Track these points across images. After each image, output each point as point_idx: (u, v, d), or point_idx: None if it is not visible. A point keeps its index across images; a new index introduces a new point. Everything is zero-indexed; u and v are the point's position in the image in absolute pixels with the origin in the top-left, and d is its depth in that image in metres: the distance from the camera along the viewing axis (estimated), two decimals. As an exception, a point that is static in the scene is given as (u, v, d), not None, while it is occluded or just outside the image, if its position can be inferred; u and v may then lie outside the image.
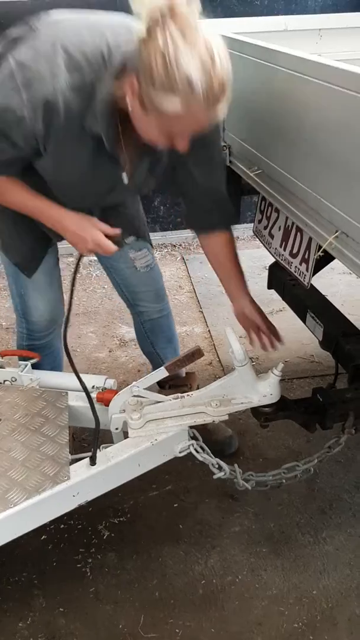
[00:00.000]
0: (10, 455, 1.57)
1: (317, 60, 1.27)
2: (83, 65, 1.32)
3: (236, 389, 1.62)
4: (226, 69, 1.23)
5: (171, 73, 1.18)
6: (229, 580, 1.77)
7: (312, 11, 3.62)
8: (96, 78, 1.33)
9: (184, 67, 1.18)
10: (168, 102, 1.22)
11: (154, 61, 1.19)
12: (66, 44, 1.32)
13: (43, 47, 1.33)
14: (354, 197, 1.18)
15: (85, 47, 1.33)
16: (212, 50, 1.20)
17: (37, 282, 1.86)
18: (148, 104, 1.25)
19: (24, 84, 1.31)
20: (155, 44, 1.19)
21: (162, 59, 1.18)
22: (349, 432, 1.71)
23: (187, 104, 1.21)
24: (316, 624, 1.64)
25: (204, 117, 1.27)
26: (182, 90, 1.20)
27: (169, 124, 1.29)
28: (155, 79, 1.20)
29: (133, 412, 1.60)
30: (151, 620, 1.66)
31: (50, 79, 1.31)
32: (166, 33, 1.18)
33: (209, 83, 1.20)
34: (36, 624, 1.66)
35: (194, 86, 1.19)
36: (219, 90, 1.23)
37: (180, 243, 4.02)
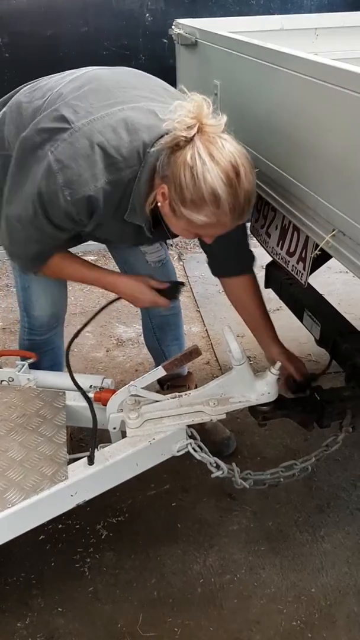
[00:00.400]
0: (8, 455, 1.57)
1: (314, 59, 1.27)
2: (121, 165, 1.38)
3: (234, 388, 1.62)
4: (251, 182, 1.31)
5: (199, 189, 1.26)
6: (228, 578, 1.77)
7: (308, 10, 3.62)
8: (132, 176, 1.40)
9: (210, 184, 1.25)
10: (197, 216, 1.31)
11: (183, 175, 1.27)
12: (104, 143, 1.36)
13: (82, 146, 1.36)
14: (351, 195, 1.18)
15: (122, 147, 1.37)
16: (237, 164, 1.28)
17: (42, 277, 1.86)
18: (178, 212, 1.33)
19: (65, 184, 1.38)
20: (184, 158, 1.27)
21: (190, 174, 1.26)
22: (346, 431, 1.72)
23: (215, 217, 1.30)
24: (314, 622, 1.65)
25: (231, 224, 1.36)
26: (209, 206, 1.28)
27: (197, 229, 1.38)
28: (184, 194, 1.28)
29: (131, 411, 1.60)
30: (150, 619, 1.67)
31: (90, 179, 1.37)
32: (194, 149, 1.26)
33: (235, 197, 1.28)
34: (35, 623, 1.66)
35: (220, 202, 1.27)
36: (245, 202, 1.31)
37: (177, 242, 4.02)
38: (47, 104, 1.49)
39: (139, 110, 1.40)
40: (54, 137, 1.39)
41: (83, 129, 1.37)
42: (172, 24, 2.26)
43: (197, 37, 2.03)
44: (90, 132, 1.37)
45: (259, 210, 1.89)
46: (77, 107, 1.40)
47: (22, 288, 1.91)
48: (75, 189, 1.38)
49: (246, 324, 1.84)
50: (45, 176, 1.39)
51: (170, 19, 2.36)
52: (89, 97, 1.42)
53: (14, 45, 3.40)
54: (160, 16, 3.48)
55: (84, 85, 1.47)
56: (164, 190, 1.34)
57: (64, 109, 1.41)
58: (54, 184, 1.38)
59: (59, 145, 1.38)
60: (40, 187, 1.41)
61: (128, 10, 3.45)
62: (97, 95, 1.43)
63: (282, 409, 1.70)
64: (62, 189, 1.38)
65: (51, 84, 1.58)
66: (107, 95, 1.42)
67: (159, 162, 1.35)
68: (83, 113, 1.39)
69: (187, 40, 2.09)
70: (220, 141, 1.28)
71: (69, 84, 1.51)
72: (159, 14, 3.48)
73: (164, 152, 1.33)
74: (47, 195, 1.41)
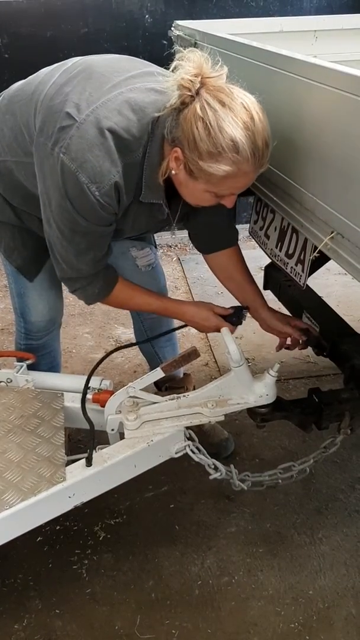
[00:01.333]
0: (6, 457, 1.57)
1: (313, 61, 1.27)
2: (133, 146, 1.36)
3: (232, 390, 1.62)
4: (266, 124, 1.28)
5: (215, 138, 1.24)
6: (225, 580, 1.77)
7: (308, 12, 3.62)
8: (145, 153, 1.37)
9: (227, 131, 1.23)
10: (217, 167, 1.27)
11: (196, 130, 1.24)
12: (113, 126, 1.34)
13: (92, 135, 1.33)
14: (350, 198, 1.18)
15: (131, 127, 1.35)
16: (250, 108, 1.26)
17: (38, 282, 1.86)
18: (196, 171, 1.30)
19: (89, 180, 1.34)
20: (193, 111, 1.24)
21: (204, 126, 1.23)
22: (344, 433, 1.71)
23: (236, 165, 1.27)
24: (312, 624, 1.65)
25: (253, 173, 1.33)
26: (228, 153, 1.25)
27: (219, 186, 1.34)
28: (200, 147, 1.25)
29: (129, 413, 1.60)
30: (147, 621, 1.66)
31: (111, 165, 1.35)
32: (202, 101, 1.24)
33: (253, 141, 1.25)
34: (32, 625, 1.66)
35: (239, 147, 1.24)
36: (264, 146, 1.28)
37: (176, 244, 4.02)
38: (44, 99, 1.45)
39: (138, 90, 1.38)
40: (62, 137, 1.35)
41: (88, 119, 1.33)
42: (171, 25, 2.26)
43: (196, 39, 2.03)
44: (96, 120, 1.33)
45: (257, 212, 1.89)
46: (78, 99, 1.36)
47: (18, 294, 1.90)
48: (100, 181, 1.34)
49: (234, 295, 1.85)
50: (66, 180, 1.35)
51: (169, 20, 2.36)
52: (86, 87, 1.39)
53: (13, 46, 3.40)
54: (159, 18, 3.49)
55: (78, 75, 1.43)
56: (177, 153, 1.31)
57: (65, 105, 1.37)
58: (78, 185, 1.34)
59: (69, 143, 1.33)
60: (67, 193, 1.36)
61: (128, 11, 3.45)
62: (94, 83, 1.39)
63: (280, 411, 1.70)
64: (87, 187, 1.34)
65: (41, 77, 1.54)
66: (103, 81, 1.39)
67: (166, 128, 1.33)
68: (84, 104, 1.35)
69: (187, 42, 2.09)
70: (228, 88, 1.26)
71: (62, 75, 1.46)
72: (158, 15, 3.49)
73: (170, 116, 1.31)
74: (76, 199, 1.36)
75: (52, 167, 1.37)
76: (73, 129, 1.34)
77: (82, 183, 1.34)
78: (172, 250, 3.98)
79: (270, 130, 1.30)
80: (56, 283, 1.93)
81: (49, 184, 1.41)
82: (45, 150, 1.39)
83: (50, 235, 1.50)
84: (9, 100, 1.59)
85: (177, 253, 3.95)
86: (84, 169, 1.33)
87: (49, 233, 1.50)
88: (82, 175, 1.33)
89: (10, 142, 1.55)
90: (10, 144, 1.56)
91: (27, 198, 1.61)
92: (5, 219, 1.73)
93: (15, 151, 1.55)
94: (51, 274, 1.88)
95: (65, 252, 1.50)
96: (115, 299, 1.65)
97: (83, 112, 1.34)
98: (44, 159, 1.40)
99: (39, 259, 1.83)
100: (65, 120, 1.35)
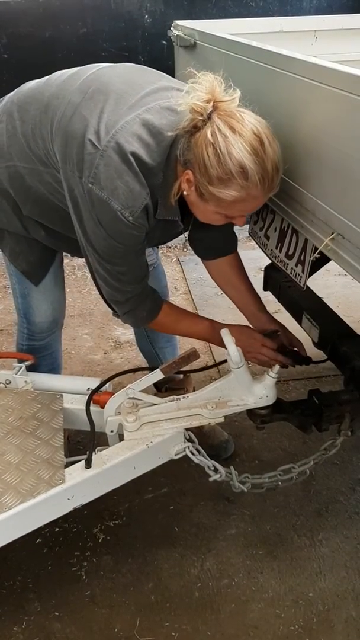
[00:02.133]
0: (5, 459, 1.56)
1: (313, 61, 1.26)
2: (155, 170, 1.36)
3: (232, 391, 1.61)
4: (276, 149, 1.29)
5: (225, 164, 1.25)
6: (225, 583, 1.76)
7: (307, 12, 3.62)
8: (163, 176, 1.38)
9: (236, 157, 1.24)
10: (226, 192, 1.28)
11: (206, 155, 1.25)
12: (136, 151, 1.34)
13: (118, 162, 1.33)
14: (350, 198, 1.17)
15: (153, 152, 1.35)
16: (260, 133, 1.26)
17: (43, 283, 1.85)
18: (207, 194, 1.31)
19: (123, 206, 1.35)
20: (204, 136, 1.25)
21: (214, 152, 1.25)
22: (344, 434, 1.71)
23: (245, 190, 1.28)
24: (312, 627, 1.64)
25: (263, 197, 1.33)
26: (238, 179, 1.26)
27: (229, 209, 1.35)
28: (210, 173, 1.27)
29: (128, 414, 1.59)
30: (147, 623, 1.66)
31: (141, 188, 1.35)
32: (213, 126, 1.25)
33: (262, 167, 1.26)
34: (31, 628, 1.65)
35: (248, 174, 1.25)
36: (273, 172, 1.29)
37: (176, 245, 4.01)
38: (61, 119, 1.43)
39: (154, 111, 1.38)
40: (87, 166, 1.35)
41: (110, 145, 1.33)
42: (171, 25, 2.26)
43: (196, 39, 2.02)
44: (117, 145, 1.33)
45: (257, 213, 1.89)
46: (97, 125, 1.36)
47: (22, 295, 1.89)
48: (132, 205, 1.35)
49: (234, 302, 1.86)
50: (97, 208, 1.36)
51: (169, 20, 2.35)
52: (104, 109, 1.37)
53: (12, 47, 3.39)
54: (159, 18, 3.48)
55: (94, 96, 1.41)
56: (189, 175, 1.32)
57: (85, 131, 1.36)
58: (111, 212, 1.35)
59: (96, 173, 1.33)
60: (100, 221, 1.38)
61: (127, 11, 3.45)
62: (110, 105, 1.38)
63: (280, 413, 1.69)
64: (121, 213, 1.34)
65: (54, 88, 1.51)
66: (120, 102, 1.38)
67: (179, 149, 1.33)
68: (103, 130, 1.35)
69: (186, 42, 2.09)
70: (239, 114, 1.27)
71: (77, 93, 1.44)
72: (157, 15, 3.48)
73: (183, 138, 1.32)
74: (110, 226, 1.37)
75: (82, 197, 1.39)
76: (97, 157, 1.34)
77: (115, 210, 1.35)
78: (172, 251, 3.97)
79: (281, 155, 1.30)
80: (60, 283, 1.92)
81: (82, 212, 1.42)
82: (74, 180, 1.40)
83: (90, 260, 1.51)
84: (20, 106, 1.58)
85: (177, 254, 3.94)
86: (115, 195, 1.34)
87: (88, 257, 1.52)
88: (114, 203, 1.34)
89: (23, 148, 1.55)
90: (22, 151, 1.55)
91: (39, 203, 1.61)
92: (12, 229, 1.73)
93: (29, 159, 1.55)
94: (55, 274, 1.88)
95: (107, 275, 1.50)
96: (163, 322, 1.66)
97: (103, 139, 1.34)
98: (74, 187, 1.41)
99: (44, 263, 1.83)
100: (88, 149, 1.35)
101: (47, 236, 1.71)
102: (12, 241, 1.77)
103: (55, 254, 1.85)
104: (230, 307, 2.39)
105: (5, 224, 1.73)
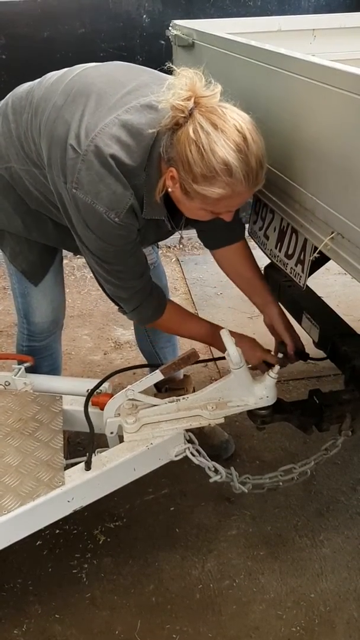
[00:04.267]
0: (4, 461, 1.55)
1: (312, 60, 1.25)
2: (137, 171, 1.36)
3: (232, 392, 1.61)
4: (259, 144, 1.27)
5: (208, 162, 1.24)
6: (226, 584, 1.76)
7: (306, 11, 3.61)
8: (146, 175, 1.37)
9: (219, 154, 1.23)
10: (211, 190, 1.27)
11: (190, 153, 1.24)
12: (115, 154, 1.33)
13: (98, 165, 1.33)
14: (350, 198, 1.17)
15: (133, 152, 1.35)
16: (243, 129, 1.25)
17: (42, 283, 1.85)
18: (191, 192, 1.31)
19: (107, 208, 1.35)
20: (187, 134, 1.24)
21: (197, 150, 1.24)
22: (345, 434, 1.70)
23: (230, 187, 1.27)
24: (314, 628, 1.63)
25: (248, 193, 1.33)
26: (222, 177, 1.25)
27: (214, 206, 1.34)
28: (194, 170, 1.26)
29: (128, 415, 1.59)
30: (148, 625, 1.65)
31: (124, 188, 1.35)
32: (195, 123, 1.24)
33: (246, 163, 1.25)
34: (32, 630, 1.64)
35: (233, 170, 1.24)
36: (258, 167, 1.28)
37: (175, 244, 4.00)
38: (46, 122, 1.44)
39: (134, 110, 1.37)
40: (70, 172, 1.36)
41: (89, 149, 1.33)
42: (169, 25, 2.25)
43: (194, 39, 2.02)
44: (97, 149, 1.33)
45: (257, 213, 1.88)
46: (77, 129, 1.36)
47: (22, 295, 1.89)
48: (117, 207, 1.35)
49: (243, 291, 1.84)
50: (84, 213, 1.37)
51: (167, 20, 2.35)
52: (85, 111, 1.38)
53: (10, 47, 3.39)
54: (157, 17, 3.47)
55: (75, 98, 1.42)
56: (172, 173, 1.32)
57: (66, 136, 1.37)
58: (96, 215, 1.35)
59: (79, 178, 1.34)
60: (88, 225, 1.38)
61: (125, 11, 3.44)
62: (90, 107, 1.38)
63: (280, 413, 1.68)
64: (107, 215, 1.35)
65: (42, 91, 1.52)
66: (100, 103, 1.39)
67: (162, 147, 1.33)
68: (83, 134, 1.35)
69: (184, 42, 2.08)
70: (221, 109, 1.26)
71: (61, 95, 1.45)
72: (156, 15, 3.48)
73: (165, 135, 1.31)
74: (98, 229, 1.38)
75: (68, 202, 1.40)
76: (79, 162, 1.34)
77: (100, 213, 1.35)
78: (171, 251, 3.96)
79: (264, 150, 1.29)
80: (60, 283, 1.92)
81: (71, 216, 1.43)
82: (60, 185, 1.41)
83: (88, 260, 1.52)
84: (14, 108, 1.59)
85: (176, 254, 3.94)
86: (99, 199, 1.34)
87: (85, 257, 1.53)
88: (99, 206, 1.34)
89: (18, 150, 1.56)
90: (18, 153, 1.56)
91: (40, 201, 1.62)
92: (12, 229, 1.73)
93: (24, 161, 1.56)
94: (55, 274, 1.88)
95: (107, 274, 1.51)
96: (168, 321, 1.66)
97: (83, 143, 1.34)
98: (61, 192, 1.42)
99: (44, 263, 1.82)
100: (70, 154, 1.36)
101: (54, 229, 1.70)
102: (12, 241, 1.77)
103: (55, 254, 1.85)
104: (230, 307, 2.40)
105: (6, 225, 1.73)
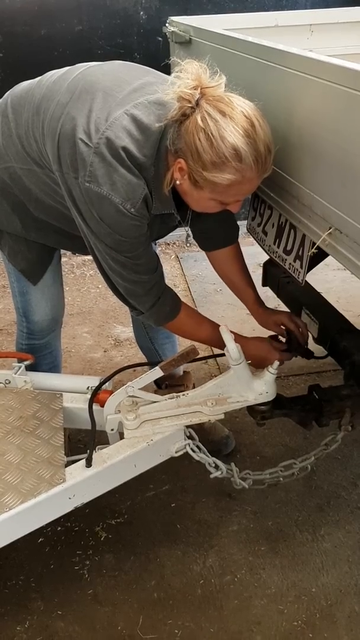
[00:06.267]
0: (5, 458, 1.56)
1: (309, 55, 1.25)
2: (147, 164, 1.36)
3: (232, 388, 1.61)
4: (267, 130, 1.29)
5: (218, 148, 1.25)
6: (228, 579, 1.77)
7: (303, 7, 3.61)
8: (154, 169, 1.38)
9: (229, 140, 1.24)
10: (221, 176, 1.28)
11: (198, 141, 1.25)
12: (126, 146, 1.34)
13: (111, 157, 1.33)
14: (347, 193, 1.17)
15: (143, 147, 1.35)
16: (250, 115, 1.26)
17: (41, 281, 1.85)
18: (201, 181, 1.31)
19: (124, 199, 1.35)
20: (195, 123, 1.25)
21: (206, 137, 1.25)
22: (345, 429, 1.70)
23: (240, 173, 1.28)
24: (315, 622, 1.64)
25: (257, 179, 1.34)
26: (232, 162, 1.26)
27: (224, 194, 1.35)
28: (204, 158, 1.27)
29: (128, 412, 1.59)
30: (150, 621, 1.66)
31: (137, 178, 1.35)
32: (202, 112, 1.25)
33: (255, 148, 1.26)
34: (34, 627, 1.65)
35: (242, 155, 1.26)
36: (266, 152, 1.29)
37: (174, 241, 4.00)
38: (50, 120, 1.44)
39: (142, 106, 1.38)
40: (81, 166, 1.35)
41: (101, 142, 1.33)
42: (166, 21, 2.25)
43: (191, 35, 2.01)
44: (108, 141, 1.33)
45: (255, 209, 1.88)
46: (86, 124, 1.36)
47: (21, 293, 1.88)
48: (133, 197, 1.35)
49: (233, 291, 1.88)
50: (97, 206, 1.36)
51: (164, 16, 2.35)
52: (92, 108, 1.38)
53: (8, 45, 3.38)
54: (154, 14, 3.47)
55: (81, 95, 1.41)
56: (181, 164, 1.32)
57: (74, 131, 1.36)
58: (112, 207, 1.34)
59: (92, 171, 1.33)
60: (102, 219, 1.37)
61: (122, 8, 3.44)
62: (98, 103, 1.38)
63: (280, 409, 1.69)
64: (123, 206, 1.34)
65: (44, 90, 1.52)
66: (107, 99, 1.39)
67: (169, 139, 1.33)
68: (93, 128, 1.35)
69: (182, 38, 2.08)
70: (227, 97, 1.27)
71: (65, 94, 1.44)
72: (153, 12, 3.47)
73: (172, 127, 1.32)
74: (112, 221, 1.37)
75: (80, 197, 1.39)
76: (90, 155, 1.34)
77: (116, 204, 1.34)
78: (170, 248, 3.96)
79: (271, 136, 1.30)
80: (59, 281, 1.92)
81: (83, 212, 1.42)
82: (71, 181, 1.40)
83: (101, 258, 1.50)
84: (14, 107, 1.58)
85: (175, 251, 3.94)
86: (115, 189, 1.34)
87: (97, 256, 1.51)
88: (115, 197, 1.34)
89: (18, 150, 1.55)
90: (18, 152, 1.56)
91: (40, 202, 1.62)
92: (11, 230, 1.73)
93: (25, 160, 1.55)
94: (54, 272, 1.88)
95: (123, 269, 1.49)
96: (184, 323, 1.66)
97: (94, 136, 1.34)
98: (72, 188, 1.41)
99: (43, 262, 1.82)
100: (80, 148, 1.35)
101: (53, 231, 1.70)
102: (11, 240, 1.77)
103: (54, 253, 1.85)
104: (229, 304, 2.40)
105: (5, 225, 1.73)
